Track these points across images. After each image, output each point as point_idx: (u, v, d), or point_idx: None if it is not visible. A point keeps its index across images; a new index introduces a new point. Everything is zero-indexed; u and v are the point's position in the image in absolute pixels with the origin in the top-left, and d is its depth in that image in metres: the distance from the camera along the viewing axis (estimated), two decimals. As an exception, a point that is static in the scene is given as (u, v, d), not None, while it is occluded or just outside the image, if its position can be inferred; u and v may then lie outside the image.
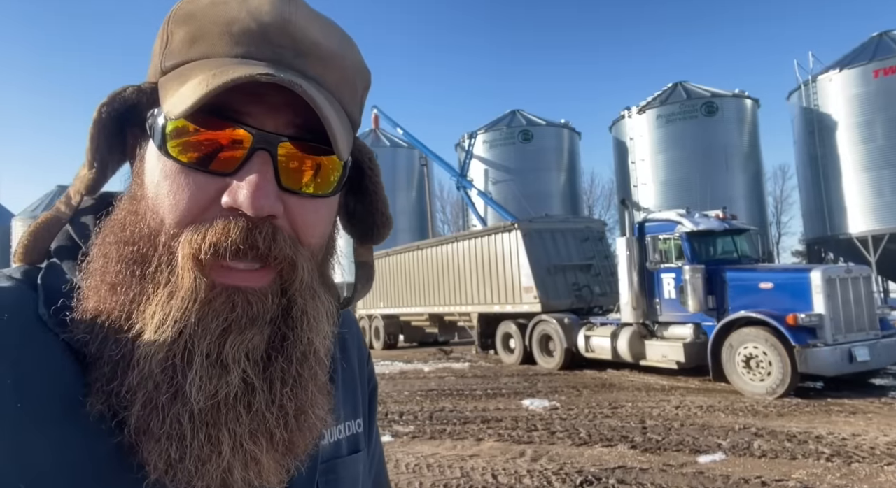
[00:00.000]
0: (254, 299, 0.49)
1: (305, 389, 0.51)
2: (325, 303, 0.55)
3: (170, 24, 0.53)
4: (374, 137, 30.89)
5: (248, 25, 0.50)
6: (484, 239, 13.64)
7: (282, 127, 0.51)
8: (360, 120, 0.61)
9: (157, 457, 0.46)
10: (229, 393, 0.47)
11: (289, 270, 0.51)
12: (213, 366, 0.47)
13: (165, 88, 0.51)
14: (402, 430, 6.61)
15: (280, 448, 0.50)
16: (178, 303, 0.47)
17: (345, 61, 0.56)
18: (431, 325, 16.52)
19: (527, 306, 12.13)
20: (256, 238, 0.48)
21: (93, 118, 0.52)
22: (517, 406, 7.78)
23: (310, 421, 0.52)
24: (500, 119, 30.59)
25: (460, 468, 5.10)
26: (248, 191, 0.47)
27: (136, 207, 0.51)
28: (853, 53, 22.83)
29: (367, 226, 0.66)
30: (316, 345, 0.52)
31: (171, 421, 0.46)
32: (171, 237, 0.48)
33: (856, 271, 8.31)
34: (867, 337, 8.02)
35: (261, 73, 0.45)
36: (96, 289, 0.49)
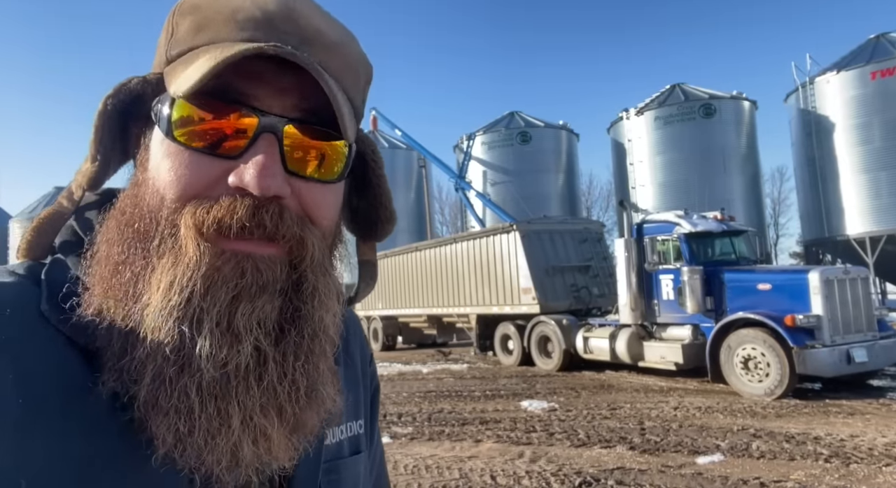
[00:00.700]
0: (263, 266, 0.48)
1: (317, 366, 0.51)
2: (335, 280, 0.54)
3: (175, 15, 0.53)
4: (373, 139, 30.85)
5: (252, 13, 0.51)
6: (482, 240, 13.64)
7: (288, 110, 0.51)
8: (363, 110, 0.61)
9: (165, 431, 0.45)
10: (240, 364, 0.46)
11: (298, 247, 0.50)
12: (223, 334, 0.46)
13: (171, 74, 0.51)
14: (401, 432, 6.60)
15: (290, 424, 0.49)
16: (182, 269, 0.46)
17: (347, 49, 0.56)
18: (430, 327, 16.51)
19: (525, 307, 12.13)
20: (263, 216, 0.48)
21: (98, 110, 0.52)
22: (516, 407, 7.77)
23: (320, 398, 0.51)
24: (499, 121, 30.62)
25: (459, 469, 5.09)
26: (254, 171, 0.47)
27: (140, 191, 0.51)
28: (850, 55, 22.89)
29: (371, 223, 0.66)
30: (326, 322, 0.52)
31: (179, 393, 0.45)
32: (174, 211, 0.48)
33: (853, 272, 8.33)
34: (865, 338, 8.02)
35: (269, 44, 0.46)
36: (101, 275, 0.49)
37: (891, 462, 4.89)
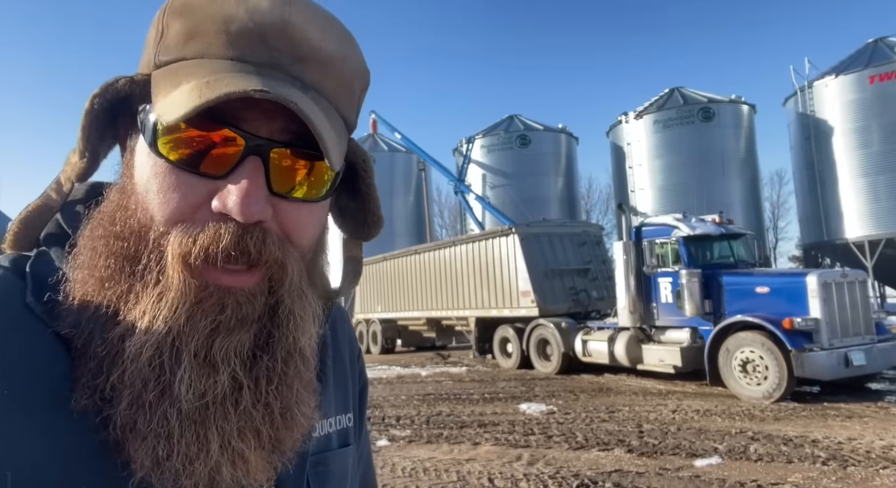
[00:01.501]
0: (243, 300, 0.49)
1: (290, 387, 0.51)
2: (311, 303, 0.54)
3: (166, 15, 0.52)
4: (372, 142, 30.94)
5: (245, 25, 0.49)
6: (481, 243, 13.65)
7: (276, 132, 0.50)
8: (356, 123, 0.60)
9: (143, 455, 0.45)
10: (218, 393, 0.47)
11: (278, 272, 0.50)
12: (201, 365, 0.47)
13: (158, 85, 0.50)
14: (399, 434, 6.60)
15: (267, 445, 0.50)
16: (167, 303, 0.46)
17: (344, 64, 0.54)
18: (429, 330, 16.51)
19: (524, 310, 12.14)
20: (248, 243, 0.48)
21: (84, 108, 0.51)
22: (514, 410, 7.77)
23: (296, 419, 0.52)
24: (498, 124, 30.67)
25: (457, 472, 5.09)
26: (237, 198, 0.47)
27: (127, 202, 0.51)
28: (849, 59, 22.97)
29: (359, 224, 0.66)
30: (301, 344, 0.52)
31: (159, 419, 0.45)
32: (161, 235, 0.48)
33: (851, 276, 8.34)
34: (863, 341, 8.03)
35: (255, 88, 0.45)
36: (83, 282, 0.49)
37: (888, 464, 4.90)
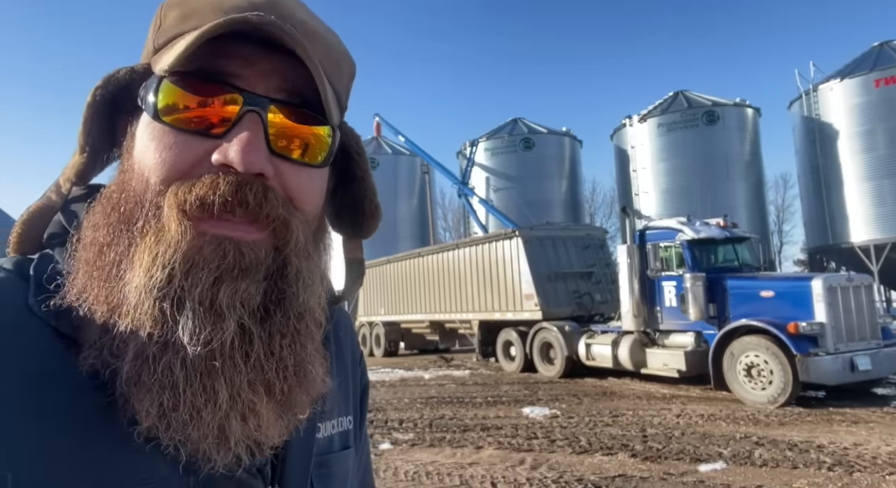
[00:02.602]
0: (246, 250, 0.48)
1: (304, 346, 0.51)
2: (318, 265, 0.55)
3: (163, 9, 0.54)
4: (376, 145, 30.99)
5: (237, 2, 0.52)
6: (485, 246, 13.64)
7: (272, 91, 0.51)
8: (346, 104, 0.61)
9: (148, 405, 0.44)
10: (225, 341, 0.46)
11: (282, 229, 0.50)
12: (206, 312, 0.45)
13: (157, 61, 0.51)
14: (402, 438, 6.59)
15: (279, 400, 0.49)
16: (164, 247, 0.46)
17: (329, 42, 0.56)
18: (432, 333, 16.49)
19: (527, 314, 12.12)
20: (247, 193, 0.47)
21: (87, 101, 0.52)
22: (517, 414, 7.75)
23: (310, 377, 0.51)
24: (502, 127, 30.69)
25: (459, 476, 5.07)
26: (238, 147, 0.47)
27: (123, 177, 0.51)
28: (854, 63, 22.91)
29: (356, 219, 0.65)
30: (311, 305, 0.52)
31: (163, 369, 0.44)
32: (158, 193, 0.48)
33: (857, 280, 8.30)
34: (869, 346, 7.99)
35: (253, 13, 0.46)
36: (85, 258, 0.49)
37: (894, 470, 4.86)
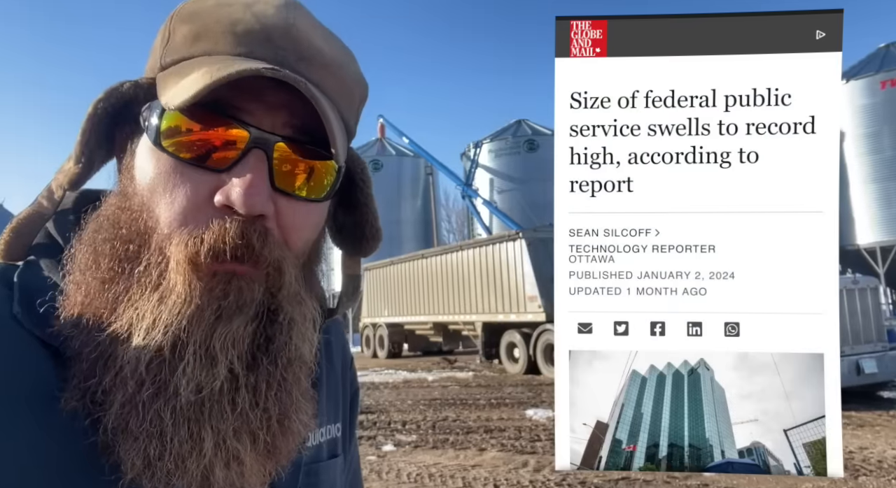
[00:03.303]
0: (245, 285, 0.48)
1: (290, 394, 0.51)
2: (310, 309, 0.55)
3: (173, 21, 0.53)
4: (380, 146, 31.03)
5: (251, 26, 0.51)
6: (488, 248, 13.63)
7: (279, 127, 0.51)
8: (355, 130, 0.61)
9: (134, 456, 0.44)
10: (215, 387, 0.46)
11: (275, 275, 0.50)
12: (203, 357, 0.46)
13: (164, 82, 0.50)
14: (405, 440, 6.58)
15: (262, 450, 0.49)
16: (168, 307, 0.46)
17: (344, 70, 0.56)
18: (436, 334, 16.49)
19: (531, 315, 12.10)
20: (251, 236, 0.48)
21: (87, 113, 0.51)
22: (521, 416, 7.73)
23: (293, 427, 0.52)
24: (506, 129, 30.67)
25: (462, 478, 5.07)
26: (241, 189, 0.47)
27: (129, 204, 0.50)
28: (860, 64, 22.80)
29: (356, 239, 0.66)
30: (302, 352, 0.52)
31: (152, 417, 0.45)
32: (164, 238, 0.48)
33: (862, 282, 8.25)
34: (874, 349, 7.94)
35: (266, 67, 0.46)
36: (82, 284, 0.48)
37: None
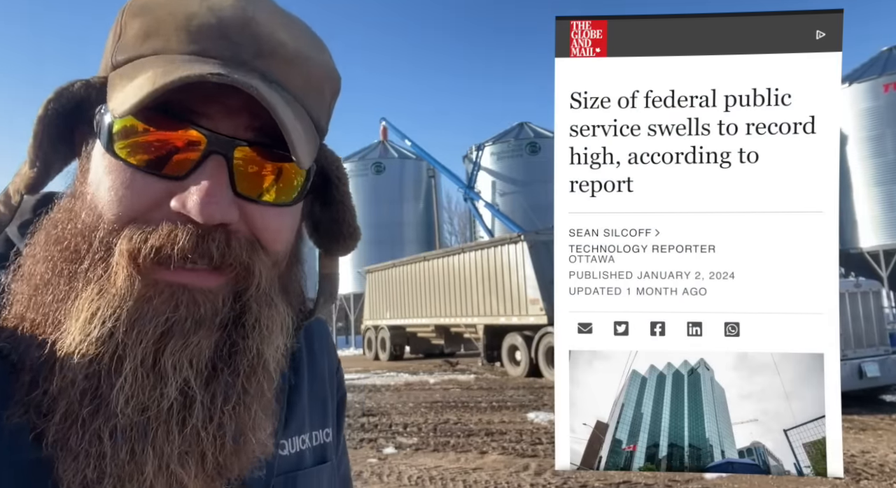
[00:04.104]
0: (202, 298, 0.45)
1: (249, 408, 0.48)
2: (280, 313, 0.51)
3: (124, 15, 0.50)
4: (383, 149, 31.08)
5: (206, 20, 0.47)
6: (490, 250, 13.64)
7: (240, 130, 0.47)
8: (327, 126, 0.58)
9: (71, 477, 0.42)
10: (163, 407, 0.43)
11: (244, 274, 0.48)
12: (147, 374, 0.43)
13: (114, 84, 0.47)
14: (406, 442, 6.58)
15: (211, 471, 0.46)
16: (107, 300, 0.43)
17: (311, 64, 0.52)
18: (437, 337, 16.49)
19: (533, 318, 12.09)
20: (209, 246, 0.45)
21: (38, 114, 0.48)
22: (522, 419, 7.73)
23: (248, 446, 0.48)
24: (508, 131, 30.69)
25: (463, 481, 5.06)
26: (197, 198, 0.44)
27: (73, 205, 0.48)
28: (863, 68, 22.78)
29: (334, 237, 0.63)
30: (266, 358, 0.49)
31: (91, 436, 0.42)
32: (110, 233, 0.45)
33: (865, 286, 8.23)
34: (877, 352, 7.92)
35: (211, 72, 0.43)
36: (22, 293, 0.46)
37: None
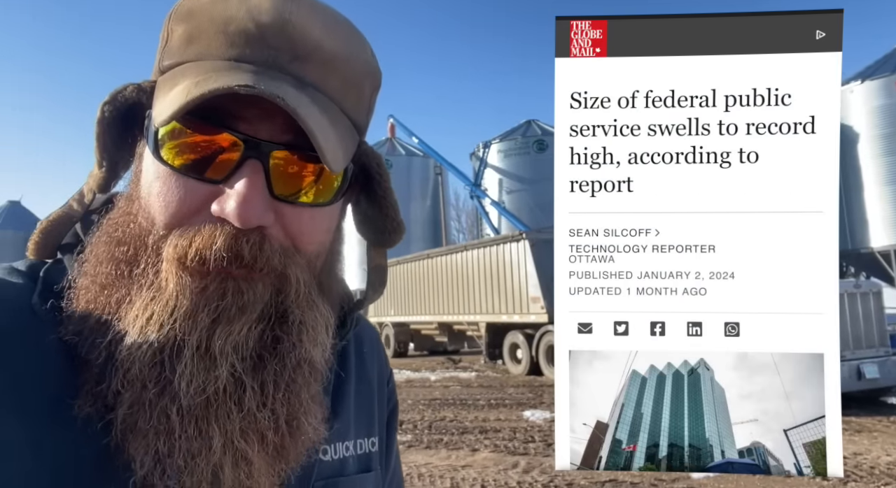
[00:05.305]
0: (245, 287, 0.48)
1: (298, 396, 0.50)
2: (323, 313, 0.54)
3: (171, 21, 0.52)
4: (390, 146, 31.11)
5: (245, 26, 0.49)
6: (492, 248, 13.64)
7: (277, 132, 0.49)
8: (366, 123, 0.60)
9: (143, 453, 0.45)
10: (219, 388, 0.46)
11: (280, 281, 0.50)
12: (201, 358, 0.46)
13: (160, 90, 0.50)
14: (400, 439, 6.60)
15: (271, 451, 0.49)
16: (162, 304, 0.46)
17: (349, 63, 0.54)
18: (441, 334, 16.52)
19: (534, 316, 12.09)
20: (242, 246, 0.47)
21: (96, 117, 0.52)
22: (517, 417, 7.75)
23: (303, 429, 0.51)
24: (515, 129, 30.59)
25: (451, 478, 5.10)
26: (235, 202, 0.46)
27: (131, 207, 0.51)
28: (875, 65, 22.49)
29: (379, 230, 0.64)
30: (312, 356, 0.51)
31: (159, 415, 0.45)
32: (160, 238, 0.48)
33: (865, 287, 8.18)
34: (877, 354, 7.86)
35: (239, 84, 0.44)
36: (86, 289, 0.49)
37: (890, 481, 4.80)
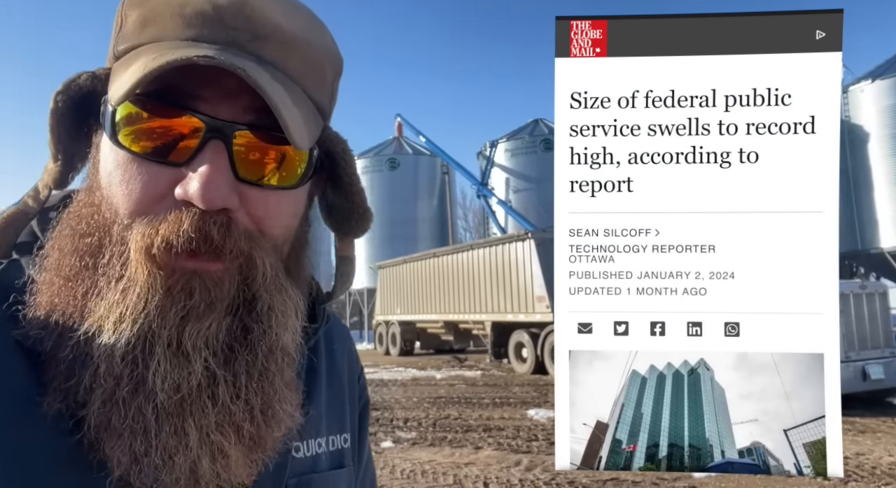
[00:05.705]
0: (210, 283, 0.47)
1: (272, 384, 0.50)
2: (292, 297, 0.53)
3: (124, 6, 0.51)
4: (397, 145, 31.17)
5: (201, 7, 0.48)
6: (498, 247, 13.67)
7: (240, 113, 0.48)
8: (330, 107, 0.59)
9: (120, 453, 0.44)
10: (193, 384, 0.46)
11: (247, 265, 0.49)
12: (174, 355, 0.45)
13: (114, 74, 0.48)
14: (404, 437, 6.68)
15: (247, 442, 0.49)
16: (134, 297, 0.45)
17: (310, 45, 0.53)
18: (447, 333, 16.57)
19: (539, 315, 12.12)
20: (210, 228, 0.46)
21: (49, 107, 0.49)
22: (522, 415, 7.78)
23: (277, 417, 0.51)
24: (522, 128, 30.54)
25: (454, 475, 5.15)
26: (198, 183, 0.45)
27: (92, 198, 0.50)
28: (886, 64, 22.29)
29: (346, 219, 0.63)
30: (284, 341, 0.51)
31: (135, 413, 0.44)
32: (125, 228, 0.47)
33: (870, 287, 8.15)
34: (882, 354, 7.85)
35: (199, 54, 0.43)
36: (50, 283, 0.48)
37: (890, 481, 4.80)
